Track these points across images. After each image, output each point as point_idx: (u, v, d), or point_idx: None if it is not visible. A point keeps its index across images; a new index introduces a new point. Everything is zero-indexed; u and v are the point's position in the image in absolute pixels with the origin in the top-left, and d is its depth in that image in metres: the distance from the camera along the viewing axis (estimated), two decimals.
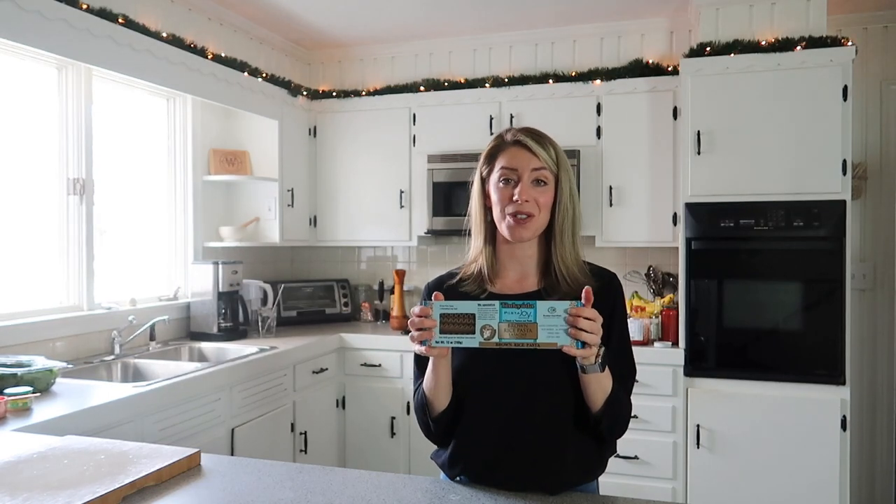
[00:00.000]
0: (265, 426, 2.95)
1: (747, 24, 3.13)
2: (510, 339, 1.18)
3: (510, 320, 1.19)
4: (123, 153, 3.18)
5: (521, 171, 1.36)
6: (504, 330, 1.19)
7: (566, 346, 1.18)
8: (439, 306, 1.23)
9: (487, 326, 1.20)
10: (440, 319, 1.22)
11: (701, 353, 3.11)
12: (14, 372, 2.09)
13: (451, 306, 1.22)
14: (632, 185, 3.49)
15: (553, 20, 3.68)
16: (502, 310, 1.20)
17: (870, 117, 3.47)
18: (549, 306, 1.19)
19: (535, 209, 1.35)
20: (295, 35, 3.94)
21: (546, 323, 1.18)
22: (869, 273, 3.48)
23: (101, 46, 2.66)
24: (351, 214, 4.02)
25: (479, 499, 1.28)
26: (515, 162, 1.37)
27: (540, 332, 1.18)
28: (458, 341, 1.21)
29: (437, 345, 1.23)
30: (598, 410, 1.30)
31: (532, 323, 1.18)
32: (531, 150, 1.36)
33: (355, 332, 3.70)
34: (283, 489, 1.30)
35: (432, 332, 1.23)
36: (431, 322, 1.23)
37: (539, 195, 1.36)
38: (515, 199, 1.34)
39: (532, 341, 1.18)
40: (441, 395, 1.36)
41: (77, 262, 2.84)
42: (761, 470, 2.99)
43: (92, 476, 1.27)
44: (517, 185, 1.35)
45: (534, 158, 1.36)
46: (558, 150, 1.40)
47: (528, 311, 1.19)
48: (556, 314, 1.18)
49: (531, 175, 1.36)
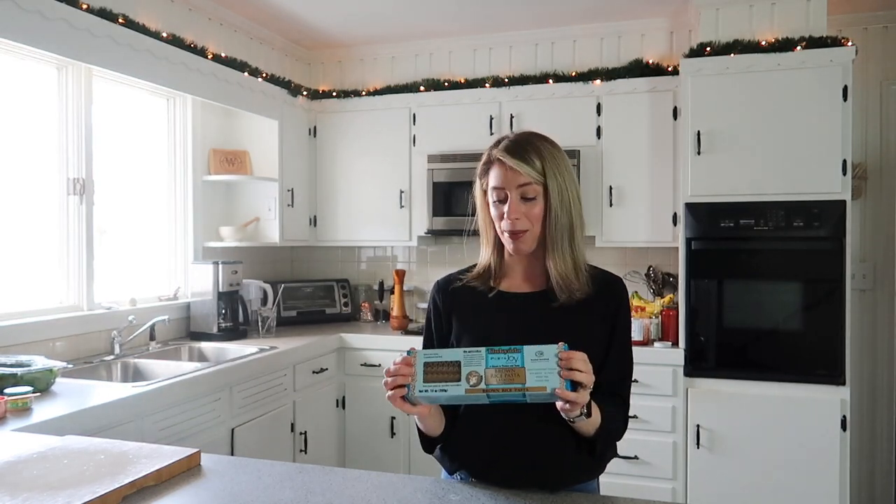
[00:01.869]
0: (265, 426, 2.95)
1: (747, 25, 3.13)
2: (497, 384, 1.15)
3: (497, 366, 1.16)
4: (123, 153, 3.18)
5: (507, 189, 1.36)
6: (491, 376, 1.16)
7: (558, 390, 1.14)
8: (423, 355, 1.20)
9: (474, 373, 1.17)
10: (424, 368, 1.19)
11: (701, 353, 3.11)
12: (14, 372, 2.09)
13: (435, 354, 1.20)
14: (632, 185, 3.49)
15: (553, 20, 3.68)
16: (489, 356, 1.17)
17: (870, 117, 3.47)
18: (537, 350, 1.16)
19: (527, 224, 1.36)
20: (295, 35, 3.94)
21: (534, 367, 1.15)
22: (869, 273, 3.48)
23: (101, 46, 2.66)
24: (351, 214, 4.02)
25: (479, 498, 1.28)
26: (502, 181, 1.37)
27: (528, 376, 1.15)
28: (442, 389, 1.17)
29: (421, 394, 1.19)
30: (591, 437, 1.32)
31: (520, 367, 1.16)
32: (513, 168, 1.35)
33: (355, 332, 3.70)
34: (283, 489, 1.30)
35: (409, 379, 1.19)
36: (408, 370, 1.19)
37: (529, 210, 1.36)
38: (506, 217, 1.37)
39: (520, 385, 1.15)
40: (433, 429, 1.38)
41: (77, 262, 2.84)
42: (761, 470, 2.99)
43: (92, 476, 1.27)
44: (507, 203, 1.37)
45: (518, 175, 1.35)
46: (546, 157, 1.36)
47: (514, 356, 1.16)
48: (544, 357, 1.16)
49: (517, 192, 1.36)
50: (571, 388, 1.15)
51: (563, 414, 1.23)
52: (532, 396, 1.16)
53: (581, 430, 1.30)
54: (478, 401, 1.18)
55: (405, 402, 1.21)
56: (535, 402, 1.19)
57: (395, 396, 1.20)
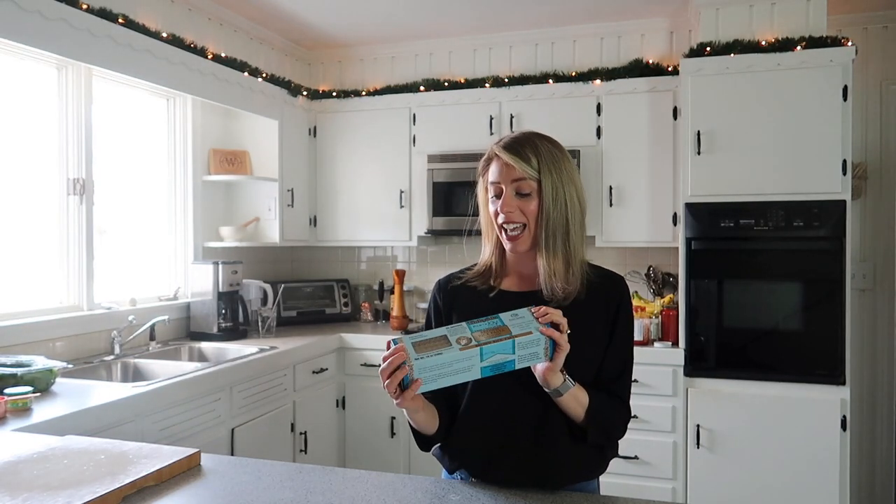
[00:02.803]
0: (265, 426, 2.95)
1: (747, 25, 3.13)
2: (487, 339, 1.20)
3: (481, 328, 1.23)
4: (123, 153, 3.18)
5: (503, 184, 1.38)
6: (479, 336, 1.21)
7: (542, 329, 1.20)
8: (409, 339, 1.22)
9: (462, 337, 1.21)
10: (413, 346, 1.20)
11: (701, 353, 3.11)
12: (14, 372, 2.09)
13: (420, 336, 1.23)
14: (632, 185, 3.49)
15: (553, 20, 3.68)
16: (469, 325, 1.24)
17: (870, 117, 3.47)
18: (511, 313, 1.25)
19: (522, 218, 1.37)
20: (295, 35, 3.94)
21: (514, 322, 1.23)
22: (869, 273, 3.48)
23: (101, 46, 2.66)
24: (351, 214, 4.02)
25: (479, 498, 1.28)
26: (497, 176, 1.39)
27: (512, 328, 1.21)
28: (438, 353, 1.19)
29: (417, 362, 1.17)
30: (582, 422, 1.32)
31: (503, 326, 1.23)
32: (508, 164, 1.37)
33: (355, 332, 3.70)
34: (283, 489, 1.30)
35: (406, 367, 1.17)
36: (402, 355, 1.18)
37: (524, 205, 1.37)
38: (500, 211, 1.38)
39: (508, 335, 1.20)
40: (428, 426, 1.38)
41: (77, 262, 2.84)
42: (761, 470, 2.99)
43: (92, 476, 1.27)
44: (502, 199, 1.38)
45: (512, 170, 1.37)
46: (543, 155, 1.37)
47: (493, 321, 1.24)
48: (520, 317, 1.24)
49: (512, 187, 1.37)
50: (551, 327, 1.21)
51: (547, 383, 1.26)
52: (520, 346, 1.20)
53: (570, 410, 1.31)
54: (470, 366, 1.19)
55: (401, 392, 1.19)
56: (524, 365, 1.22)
57: (394, 382, 1.18)
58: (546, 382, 1.27)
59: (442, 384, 1.20)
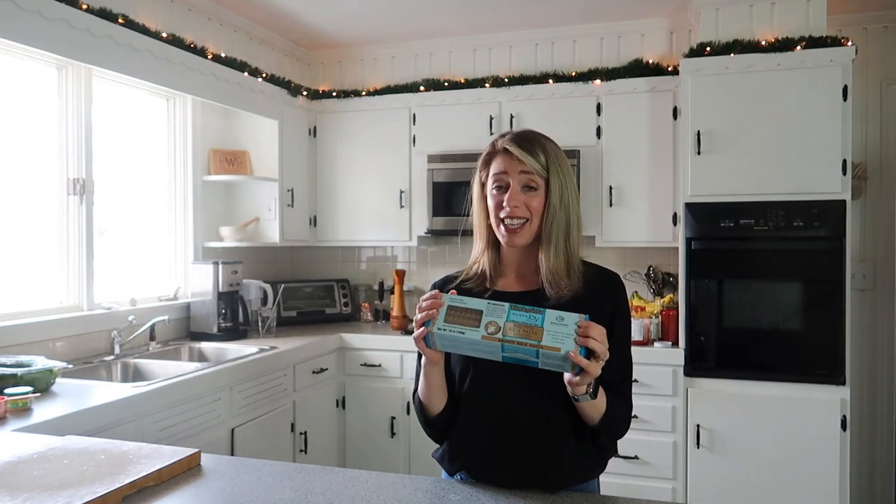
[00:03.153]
0: (265, 426, 2.95)
1: (747, 24, 3.13)
2: (514, 337, 1.17)
3: (517, 321, 1.18)
4: (123, 153, 3.18)
5: (510, 176, 1.38)
6: (509, 329, 1.18)
7: (571, 353, 1.15)
8: (448, 299, 1.23)
9: (492, 322, 1.19)
10: (447, 310, 1.21)
11: (701, 352, 3.11)
12: (14, 372, 2.09)
13: (460, 300, 1.23)
14: (632, 185, 3.49)
15: (553, 20, 3.68)
16: (511, 311, 1.20)
17: (870, 117, 3.47)
18: (558, 315, 1.19)
19: (526, 213, 1.37)
20: (295, 35, 3.94)
21: (552, 329, 1.17)
22: (869, 273, 3.48)
23: (101, 46, 2.66)
24: (351, 214, 4.02)
25: (480, 498, 1.28)
26: (505, 167, 1.39)
27: (545, 335, 1.17)
28: (460, 331, 1.18)
29: (439, 332, 1.21)
30: (596, 426, 1.33)
31: (539, 327, 1.18)
32: (518, 158, 1.37)
33: (355, 332, 3.70)
34: (283, 489, 1.30)
35: (436, 317, 1.22)
36: (438, 304, 1.23)
37: (529, 200, 1.37)
38: (505, 205, 1.37)
39: (536, 342, 1.16)
40: (435, 399, 1.39)
41: (77, 262, 2.84)
42: (761, 470, 2.99)
43: (92, 476, 1.27)
44: (508, 191, 1.37)
45: (521, 165, 1.37)
46: (550, 154, 1.39)
47: (536, 316, 1.19)
48: (564, 323, 1.18)
49: (520, 180, 1.37)
50: (584, 355, 1.17)
51: (571, 390, 1.24)
52: (544, 356, 1.17)
53: (586, 416, 1.31)
54: (491, 352, 1.20)
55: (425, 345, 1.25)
56: (545, 369, 1.20)
57: (421, 337, 1.24)
58: (569, 387, 1.26)
59: (461, 353, 1.24)
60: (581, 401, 1.27)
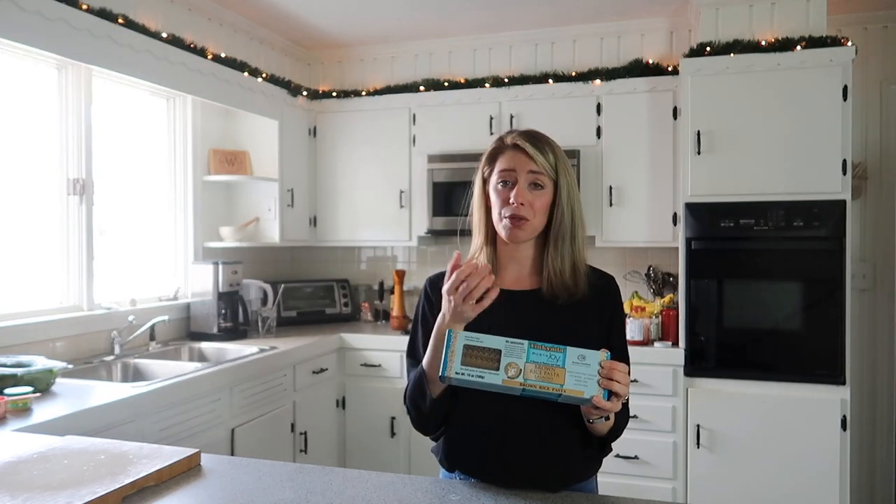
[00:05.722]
0: (265, 426, 2.95)
1: (747, 24, 3.13)
2: (535, 380, 1.14)
3: (537, 362, 1.15)
4: (123, 153, 3.18)
5: (518, 173, 1.37)
6: (530, 371, 1.14)
7: (596, 398, 1.15)
8: (464, 337, 1.17)
9: (513, 364, 1.15)
10: (463, 350, 1.16)
11: (701, 352, 3.11)
12: (14, 372, 2.09)
13: (476, 338, 1.17)
14: (632, 185, 3.49)
15: (553, 20, 3.68)
16: (530, 350, 1.16)
17: (870, 117, 3.47)
18: (580, 354, 1.16)
19: (530, 212, 1.36)
20: (295, 35, 3.94)
21: (574, 370, 1.15)
22: (869, 273, 3.48)
23: (101, 46, 2.66)
24: (351, 214, 4.02)
25: (479, 498, 1.28)
26: (513, 163, 1.38)
27: (567, 378, 1.14)
28: (479, 375, 1.14)
29: (457, 377, 1.16)
30: (602, 438, 1.34)
31: (560, 368, 1.15)
32: (528, 155, 1.37)
33: (355, 332, 3.70)
34: (283, 489, 1.30)
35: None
36: (489, 280, 1.19)
37: (535, 199, 1.37)
38: (511, 201, 1.36)
39: (558, 386, 1.14)
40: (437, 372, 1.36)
41: (77, 262, 2.84)
42: (761, 470, 2.99)
43: (92, 476, 1.27)
44: (514, 188, 1.36)
45: (531, 162, 1.37)
46: (558, 154, 1.40)
47: (557, 355, 1.16)
48: (586, 363, 1.15)
49: (528, 178, 1.37)
50: (607, 397, 1.17)
51: (586, 415, 1.26)
52: (566, 398, 1.15)
53: (594, 430, 1.31)
54: (510, 392, 1.17)
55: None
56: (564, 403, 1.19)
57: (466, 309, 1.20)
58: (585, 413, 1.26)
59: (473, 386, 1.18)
60: (595, 423, 1.28)
